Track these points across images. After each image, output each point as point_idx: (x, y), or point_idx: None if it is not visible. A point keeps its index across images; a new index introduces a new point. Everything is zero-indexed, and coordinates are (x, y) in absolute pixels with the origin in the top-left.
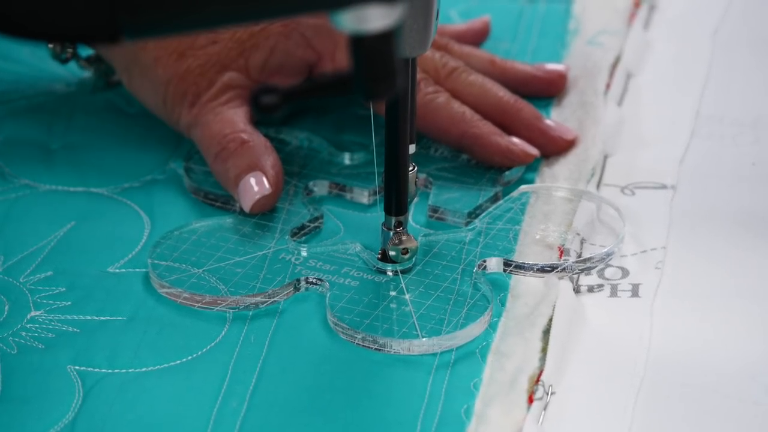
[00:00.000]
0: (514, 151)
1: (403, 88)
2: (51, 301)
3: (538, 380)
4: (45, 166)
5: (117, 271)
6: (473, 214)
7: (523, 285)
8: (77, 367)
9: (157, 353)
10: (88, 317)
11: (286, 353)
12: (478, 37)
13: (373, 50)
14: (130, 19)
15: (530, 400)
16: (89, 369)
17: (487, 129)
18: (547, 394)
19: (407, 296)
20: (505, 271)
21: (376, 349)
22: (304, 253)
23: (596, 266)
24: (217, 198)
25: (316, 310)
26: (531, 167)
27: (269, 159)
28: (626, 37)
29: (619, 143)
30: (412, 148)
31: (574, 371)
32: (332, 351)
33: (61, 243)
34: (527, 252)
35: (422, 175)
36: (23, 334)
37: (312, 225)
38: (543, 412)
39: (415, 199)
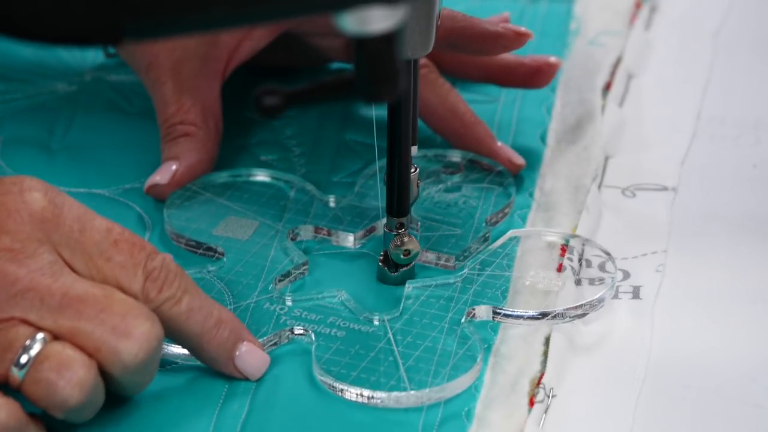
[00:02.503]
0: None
1: (405, 90)
2: None
3: (539, 383)
4: (46, 166)
5: None
6: (462, 257)
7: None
8: None
9: None
10: None
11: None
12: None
13: (376, 52)
14: (133, 20)
15: (531, 403)
16: None
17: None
18: (548, 396)
19: (395, 347)
20: (494, 319)
21: (362, 402)
22: (288, 303)
23: (588, 313)
24: (199, 245)
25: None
26: (532, 167)
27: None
28: (627, 37)
29: (620, 144)
30: (414, 150)
31: (575, 374)
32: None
33: None
34: (517, 299)
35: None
36: None
37: (297, 272)
38: (544, 415)
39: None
